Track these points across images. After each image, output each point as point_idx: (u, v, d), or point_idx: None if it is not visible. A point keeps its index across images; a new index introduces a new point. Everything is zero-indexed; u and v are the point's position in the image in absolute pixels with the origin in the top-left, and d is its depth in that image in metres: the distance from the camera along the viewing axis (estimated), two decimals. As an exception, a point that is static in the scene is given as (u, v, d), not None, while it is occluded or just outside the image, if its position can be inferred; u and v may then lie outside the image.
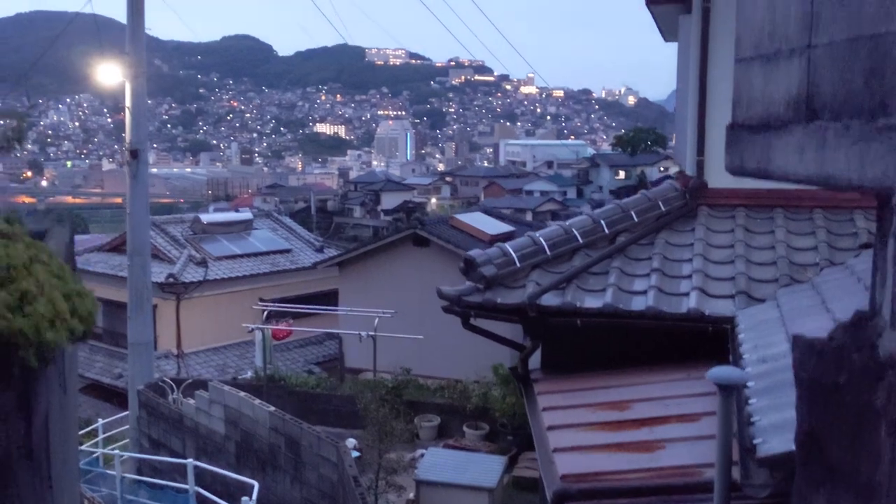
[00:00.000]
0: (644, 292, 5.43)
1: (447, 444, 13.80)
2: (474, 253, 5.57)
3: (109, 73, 14.24)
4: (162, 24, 77.86)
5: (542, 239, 5.75)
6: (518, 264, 5.58)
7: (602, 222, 6.05)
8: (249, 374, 19.71)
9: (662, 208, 6.29)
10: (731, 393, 3.01)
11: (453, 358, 17.39)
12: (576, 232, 5.89)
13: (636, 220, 6.16)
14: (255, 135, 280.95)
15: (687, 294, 5.40)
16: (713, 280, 5.55)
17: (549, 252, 5.71)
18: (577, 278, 5.53)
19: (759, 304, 4.93)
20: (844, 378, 1.46)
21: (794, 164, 1.68)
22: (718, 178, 6.26)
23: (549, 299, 5.33)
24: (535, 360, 5.86)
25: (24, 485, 1.96)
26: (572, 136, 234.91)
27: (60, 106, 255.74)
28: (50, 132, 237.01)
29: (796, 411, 1.65)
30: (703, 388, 4.31)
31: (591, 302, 5.35)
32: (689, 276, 5.58)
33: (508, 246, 5.65)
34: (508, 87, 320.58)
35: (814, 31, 1.59)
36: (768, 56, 1.86)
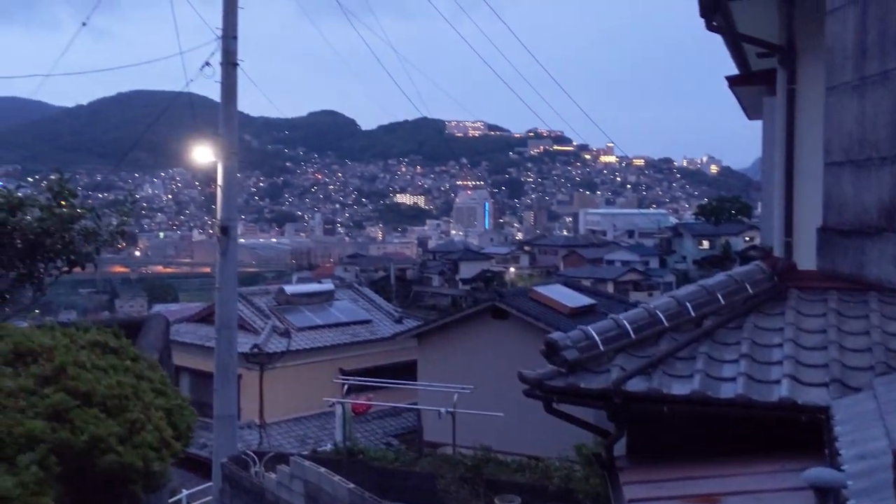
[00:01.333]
0: (733, 379, 5.27)
1: (528, 524, 13.44)
2: (556, 336, 5.53)
3: (203, 153, 14.89)
4: (252, 101, 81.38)
5: (625, 322, 5.66)
6: (601, 348, 5.49)
7: (687, 305, 5.92)
8: (329, 446, 19.77)
9: (750, 290, 6.12)
10: (828, 496, 2.88)
11: (534, 435, 17.09)
12: (661, 315, 5.78)
13: (723, 302, 6.02)
14: (337, 206, 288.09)
15: (778, 381, 5.21)
16: (805, 367, 5.35)
17: (633, 335, 5.61)
18: (663, 363, 5.41)
19: (855, 394, 4.73)
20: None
21: (890, 272, 1.65)
22: (808, 259, 6.10)
23: (635, 385, 5.22)
24: (619, 447, 5.71)
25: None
26: (653, 206, 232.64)
27: (155, 180, 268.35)
28: (145, 205, 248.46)
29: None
30: (797, 482, 4.13)
31: (679, 388, 5.21)
32: (780, 363, 5.39)
33: (591, 329, 5.58)
34: (588, 156, 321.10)
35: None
36: (859, 162, 1.85)
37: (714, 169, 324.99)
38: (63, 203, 6.93)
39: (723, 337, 5.75)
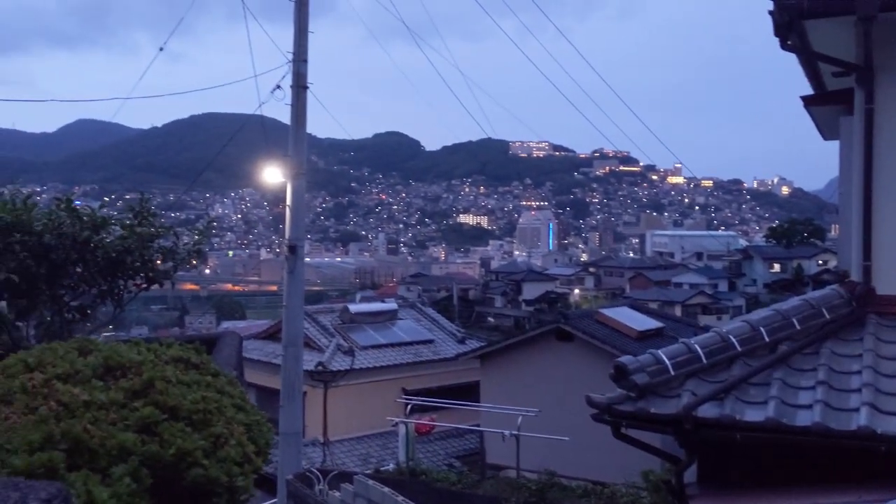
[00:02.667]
0: (809, 406, 5.11)
1: (592, 551, 13.21)
2: (626, 359, 5.46)
3: (272, 174, 15.18)
4: (319, 122, 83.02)
5: (697, 346, 5.56)
6: (672, 372, 5.40)
7: (762, 329, 5.79)
8: (391, 466, 19.81)
9: (827, 315, 5.95)
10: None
11: (599, 460, 16.83)
12: (733, 339, 5.66)
13: (798, 327, 5.86)
14: (401, 225, 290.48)
15: (857, 410, 5.04)
16: (885, 395, 5.16)
17: (705, 360, 5.51)
18: (736, 389, 5.29)
19: (940, 425, 4.54)
20: None
21: None
22: (887, 284, 5.90)
23: (707, 410, 5.11)
24: (689, 473, 5.59)
25: None
26: (722, 228, 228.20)
27: (225, 200, 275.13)
28: (215, 224, 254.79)
29: None
30: (879, 516, 3.98)
31: (752, 415, 5.08)
32: (859, 390, 5.22)
33: (662, 353, 5.49)
34: (655, 177, 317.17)
35: None
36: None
37: (785, 190, 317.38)
38: (143, 223, 7.18)
39: (799, 363, 5.60)
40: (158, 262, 7.28)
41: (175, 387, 2.12)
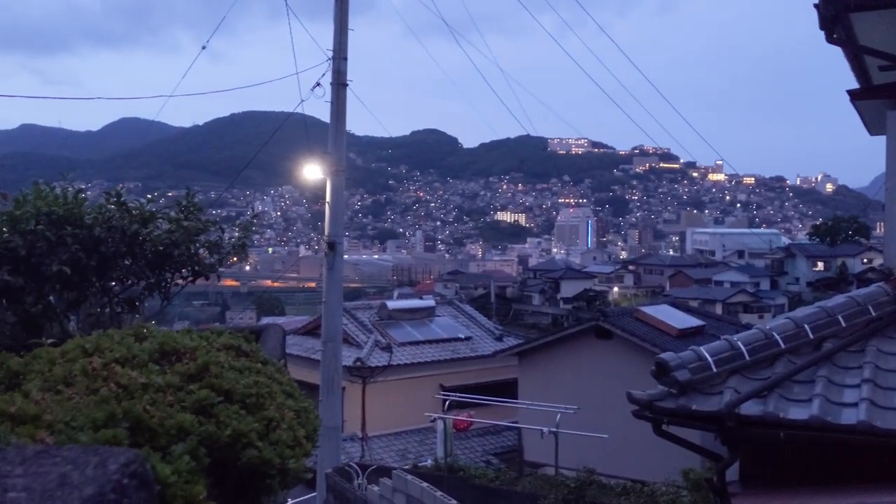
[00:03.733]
0: (855, 404, 5.03)
1: (632, 550, 13.13)
2: (667, 356, 5.42)
3: (312, 171, 15.34)
4: (357, 120, 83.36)
5: (740, 343, 5.51)
6: (714, 369, 5.35)
7: (806, 326, 5.71)
8: (429, 461, 19.89)
9: (872, 313, 5.85)
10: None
11: (638, 458, 16.72)
12: (777, 336, 5.59)
13: (844, 325, 5.77)
14: (438, 223, 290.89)
15: (905, 408, 4.95)
16: (934, 394, 5.07)
17: (748, 357, 5.44)
18: (779, 386, 5.22)
19: None
20: None
21: None
22: (938, 281, 5.78)
23: (750, 408, 5.06)
24: (731, 472, 5.54)
25: None
26: (764, 225, 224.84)
27: (265, 197, 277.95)
28: (257, 219, 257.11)
29: None
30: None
31: (796, 413, 5.01)
32: (907, 389, 5.12)
33: (704, 349, 5.45)
34: (695, 174, 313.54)
35: None
36: None
37: (829, 187, 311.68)
38: (189, 217, 7.33)
39: (844, 360, 5.52)
40: (204, 256, 7.44)
41: (228, 371, 2.19)
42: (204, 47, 15.88)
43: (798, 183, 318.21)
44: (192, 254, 7.21)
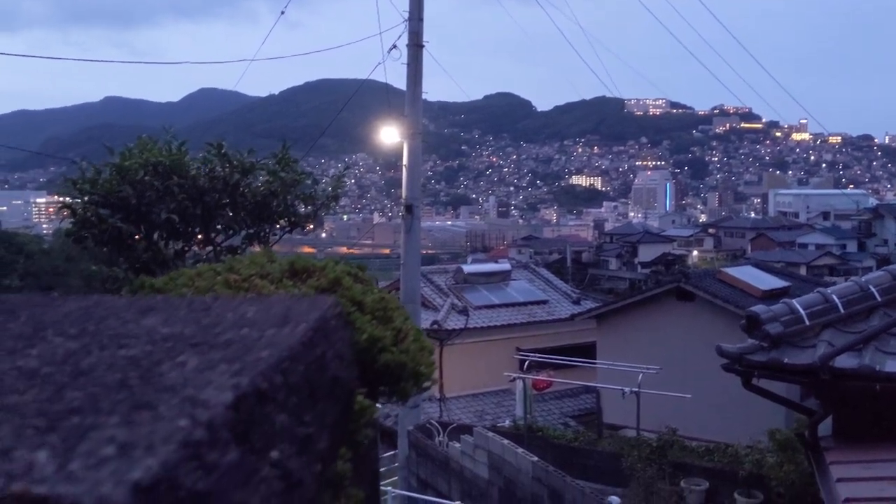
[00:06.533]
0: (956, 358, 4.86)
1: (715, 510, 13.03)
2: (758, 309, 5.31)
3: (389, 134, 15.45)
4: (430, 86, 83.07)
5: (834, 296, 5.36)
6: (807, 322, 5.23)
7: (904, 279, 5.52)
8: (507, 422, 20.04)
9: (977, 265, 5.61)
10: None
11: (720, 420, 16.48)
12: (873, 289, 5.42)
13: (945, 277, 5.55)
14: (511, 188, 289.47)
15: None
16: None
17: (842, 310, 5.30)
18: (876, 339, 5.07)
19: None
20: None
21: None
22: None
23: (844, 361, 4.93)
24: (824, 427, 5.42)
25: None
26: (851, 185, 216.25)
27: (339, 165, 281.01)
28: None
29: None
30: None
31: (893, 366, 4.87)
32: None
33: (796, 302, 5.32)
34: (778, 134, 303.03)
35: None
36: None
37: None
38: (285, 168, 7.52)
39: (946, 314, 5.31)
40: (299, 207, 7.63)
41: (355, 287, 2.27)
42: (283, 12, 16.11)
43: (887, 142, 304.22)
44: (288, 205, 7.40)
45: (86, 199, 6.59)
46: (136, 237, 6.61)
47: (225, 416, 0.60)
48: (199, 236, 7.12)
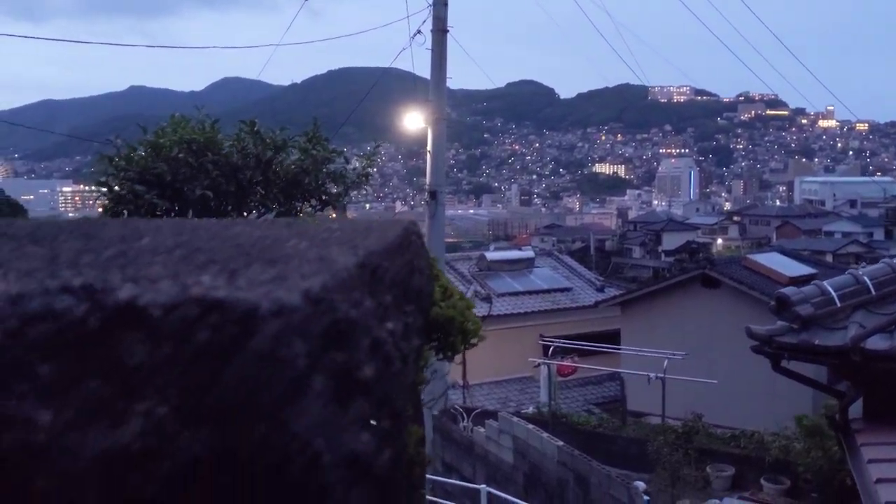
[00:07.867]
0: None
1: (743, 496, 12.98)
2: (788, 290, 5.29)
3: (413, 120, 15.47)
4: (452, 74, 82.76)
5: (866, 277, 5.32)
6: (838, 304, 5.20)
7: (937, 261, 5.47)
8: (531, 408, 20.05)
9: None
10: None
11: (746, 407, 16.38)
12: (906, 271, 5.38)
13: (979, 259, 5.49)
14: (534, 176, 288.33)
15: None
16: None
17: (874, 291, 5.26)
18: (908, 321, 5.04)
19: None
20: None
21: None
22: None
23: (876, 342, 4.90)
24: (854, 409, 5.40)
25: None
26: (879, 173, 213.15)
27: (361, 154, 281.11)
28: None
29: None
30: None
31: (927, 348, 4.84)
32: None
33: (827, 284, 5.29)
34: (804, 121, 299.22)
35: None
36: None
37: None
38: (316, 146, 7.57)
39: (980, 296, 5.26)
40: (330, 186, 7.69)
41: None
42: (306, 0, 16.13)
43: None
44: (319, 183, 7.46)
45: (121, 174, 6.71)
46: (171, 214, 6.69)
47: (355, 272, 0.65)
48: (233, 214, 7.20)
